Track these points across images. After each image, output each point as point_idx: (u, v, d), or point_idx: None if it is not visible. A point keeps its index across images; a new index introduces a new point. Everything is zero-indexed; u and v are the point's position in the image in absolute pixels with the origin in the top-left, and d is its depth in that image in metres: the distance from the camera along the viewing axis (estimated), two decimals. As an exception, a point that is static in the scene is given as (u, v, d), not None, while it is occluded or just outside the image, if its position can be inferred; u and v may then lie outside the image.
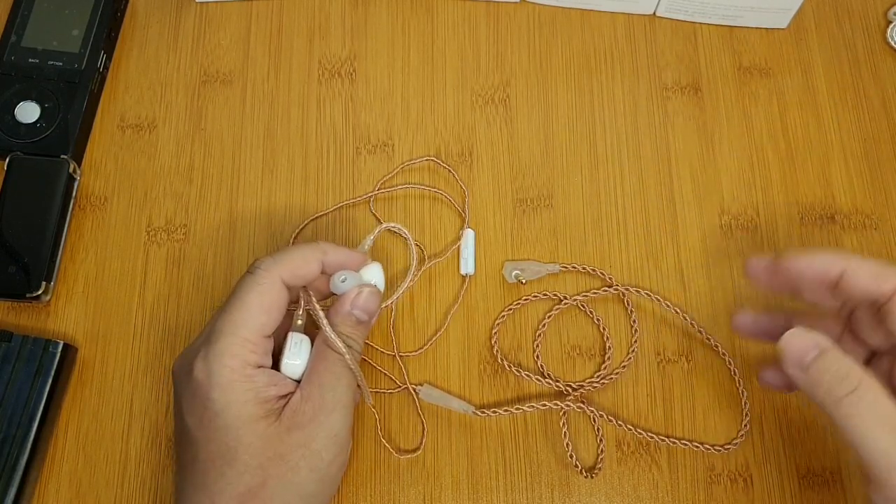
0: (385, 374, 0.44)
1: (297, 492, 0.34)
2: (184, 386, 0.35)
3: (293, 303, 0.38)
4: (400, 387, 0.43)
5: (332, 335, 0.36)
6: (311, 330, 0.38)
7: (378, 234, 0.40)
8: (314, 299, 0.37)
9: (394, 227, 0.41)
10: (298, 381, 0.36)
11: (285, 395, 0.35)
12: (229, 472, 0.33)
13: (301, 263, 0.36)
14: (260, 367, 0.35)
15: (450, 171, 0.48)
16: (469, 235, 0.46)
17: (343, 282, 0.38)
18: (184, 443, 0.35)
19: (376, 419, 0.43)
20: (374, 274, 0.39)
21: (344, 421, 0.35)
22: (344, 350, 0.36)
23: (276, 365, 0.36)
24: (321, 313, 0.37)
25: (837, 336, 0.38)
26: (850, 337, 0.38)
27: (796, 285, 0.37)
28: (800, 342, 0.33)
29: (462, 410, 0.42)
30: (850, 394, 0.31)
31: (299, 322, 0.38)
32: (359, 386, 0.37)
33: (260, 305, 0.35)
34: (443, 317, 0.45)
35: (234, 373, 0.34)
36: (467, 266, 0.45)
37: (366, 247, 0.40)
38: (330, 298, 0.39)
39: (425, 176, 0.48)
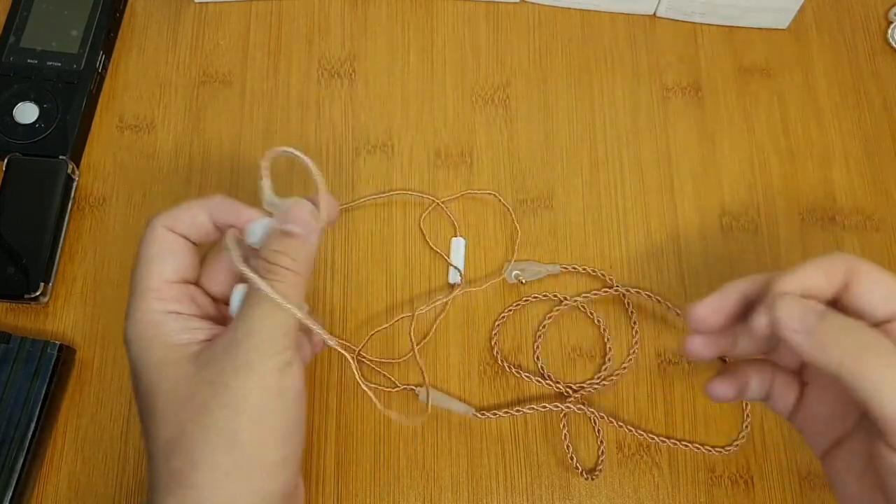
0: (384, 375, 0.43)
1: (220, 435, 0.30)
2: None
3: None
4: (399, 387, 0.43)
5: (237, 256, 0.32)
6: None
7: (267, 178, 0.35)
8: (233, 238, 0.34)
9: (287, 151, 0.35)
10: None
11: (210, 339, 0.33)
12: (152, 426, 0.32)
13: (185, 212, 0.35)
14: (173, 312, 0.33)
15: (507, 208, 0.48)
16: (459, 244, 0.46)
17: (253, 233, 0.34)
18: None
19: (376, 410, 0.42)
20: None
21: (258, 351, 0.31)
22: (246, 270, 0.32)
23: None
24: (229, 241, 0.34)
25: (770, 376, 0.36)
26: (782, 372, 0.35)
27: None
28: (799, 305, 0.30)
29: (462, 412, 0.42)
30: (867, 349, 0.29)
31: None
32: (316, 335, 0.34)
33: (153, 255, 0.34)
34: (431, 322, 0.45)
35: (139, 323, 0.33)
36: (455, 275, 0.45)
37: (268, 201, 0.35)
38: None
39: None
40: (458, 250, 0.46)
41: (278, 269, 0.32)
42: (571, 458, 0.42)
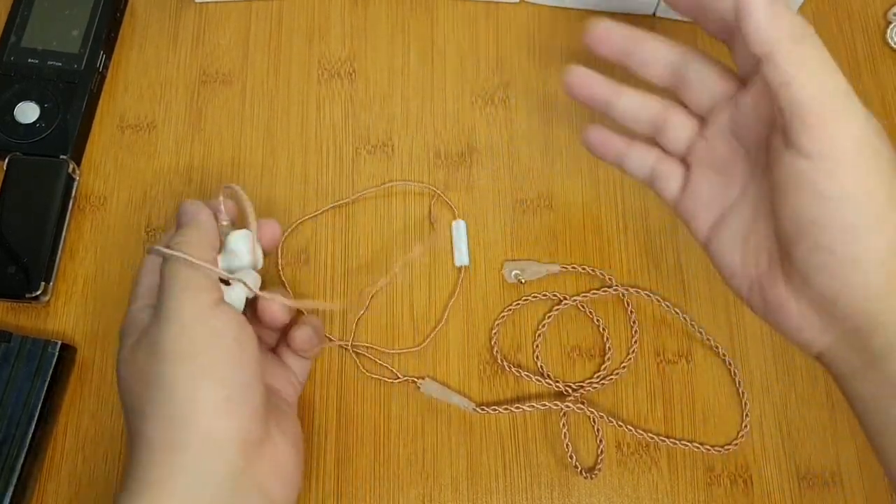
0: (385, 366, 0.44)
1: (154, 385, 0.33)
2: None
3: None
4: (399, 378, 0.43)
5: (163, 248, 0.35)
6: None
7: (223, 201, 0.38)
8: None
9: (229, 187, 0.39)
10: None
11: None
12: (126, 407, 0.35)
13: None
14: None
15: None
16: (460, 226, 0.46)
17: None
18: None
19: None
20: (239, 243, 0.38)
21: (177, 299, 0.33)
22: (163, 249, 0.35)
23: None
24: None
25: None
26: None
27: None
28: None
29: (462, 406, 0.42)
30: (805, 39, 0.30)
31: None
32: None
33: (207, 231, 0.37)
34: (441, 310, 0.45)
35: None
36: (462, 257, 0.45)
37: (224, 218, 0.38)
38: None
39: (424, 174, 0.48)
40: (459, 233, 0.46)
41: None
42: (571, 458, 0.42)
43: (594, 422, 0.43)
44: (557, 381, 0.43)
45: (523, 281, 0.45)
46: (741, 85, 0.35)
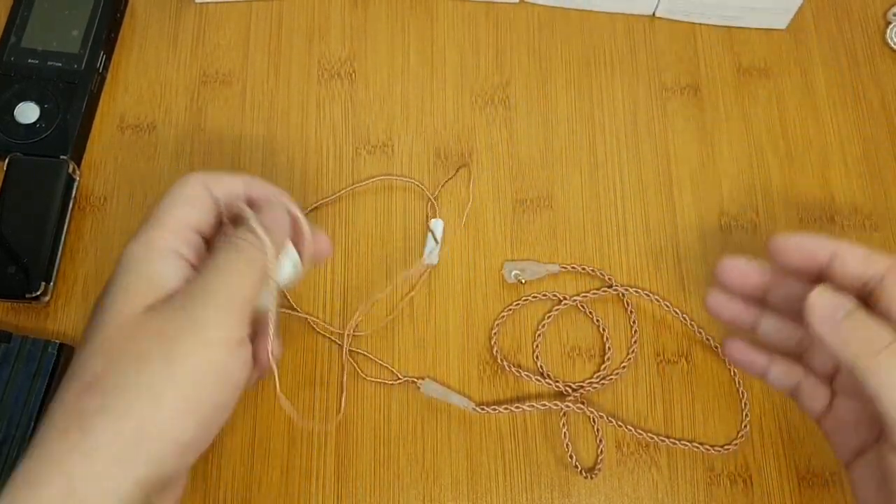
0: (386, 366, 0.44)
1: (146, 387, 0.29)
2: None
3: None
4: (400, 379, 0.43)
5: (253, 218, 0.33)
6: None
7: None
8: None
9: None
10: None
11: None
12: (81, 357, 0.30)
13: (228, 178, 0.35)
14: (177, 252, 0.32)
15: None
16: (438, 225, 0.46)
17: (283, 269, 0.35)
18: None
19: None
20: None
21: (212, 317, 0.30)
22: (257, 226, 0.32)
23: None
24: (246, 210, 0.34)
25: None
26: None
27: (772, 282, 0.37)
28: (831, 299, 0.32)
29: (462, 406, 0.42)
30: (884, 349, 0.31)
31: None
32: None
33: (184, 198, 0.33)
34: (407, 302, 0.45)
35: (144, 245, 0.32)
36: (432, 257, 0.45)
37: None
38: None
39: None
40: (436, 232, 0.46)
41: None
42: (571, 458, 0.42)
43: (594, 422, 0.43)
44: (557, 381, 0.43)
45: (523, 281, 0.45)
46: None
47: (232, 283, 0.31)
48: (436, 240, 0.45)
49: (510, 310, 0.45)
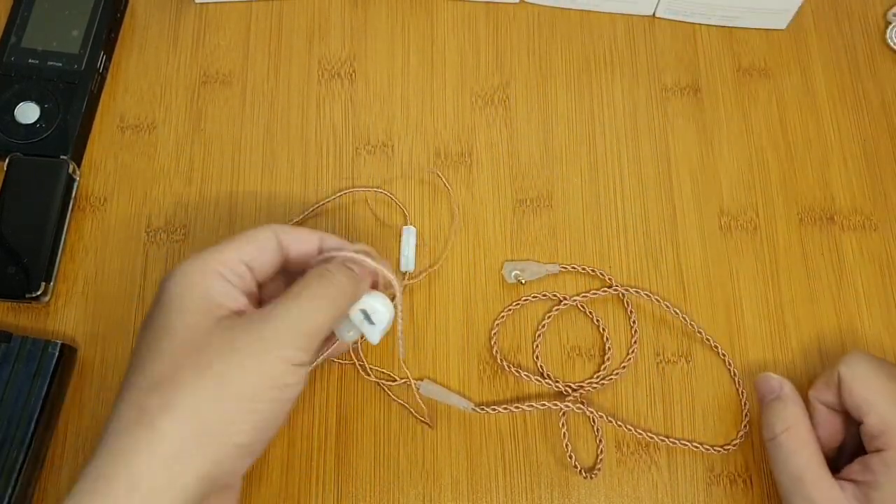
0: (385, 372, 0.44)
1: (208, 389, 0.31)
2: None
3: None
4: (399, 381, 0.43)
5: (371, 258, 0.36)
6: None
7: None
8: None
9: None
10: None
11: (240, 311, 0.34)
12: (147, 361, 0.32)
13: (302, 232, 0.38)
14: (225, 279, 0.34)
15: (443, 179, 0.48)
16: (410, 232, 0.46)
17: (349, 332, 0.38)
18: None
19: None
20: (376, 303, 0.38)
21: (279, 333, 0.33)
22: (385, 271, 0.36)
23: None
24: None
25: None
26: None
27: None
28: (766, 383, 0.41)
29: (462, 407, 0.42)
30: (781, 434, 0.38)
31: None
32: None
33: (249, 238, 0.36)
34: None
35: (197, 264, 0.34)
36: (408, 263, 0.45)
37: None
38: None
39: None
40: (408, 238, 0.46)
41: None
42: (570, 457, 0.42)
43: (594, 422, 0.43)
44: (557, 381, 0.43)
45: (523, 281, 0.45)
46: None
47: (305, 310, 0.34)
48: (409, 247, 0.45)
49: (510, 310, 0.45)
